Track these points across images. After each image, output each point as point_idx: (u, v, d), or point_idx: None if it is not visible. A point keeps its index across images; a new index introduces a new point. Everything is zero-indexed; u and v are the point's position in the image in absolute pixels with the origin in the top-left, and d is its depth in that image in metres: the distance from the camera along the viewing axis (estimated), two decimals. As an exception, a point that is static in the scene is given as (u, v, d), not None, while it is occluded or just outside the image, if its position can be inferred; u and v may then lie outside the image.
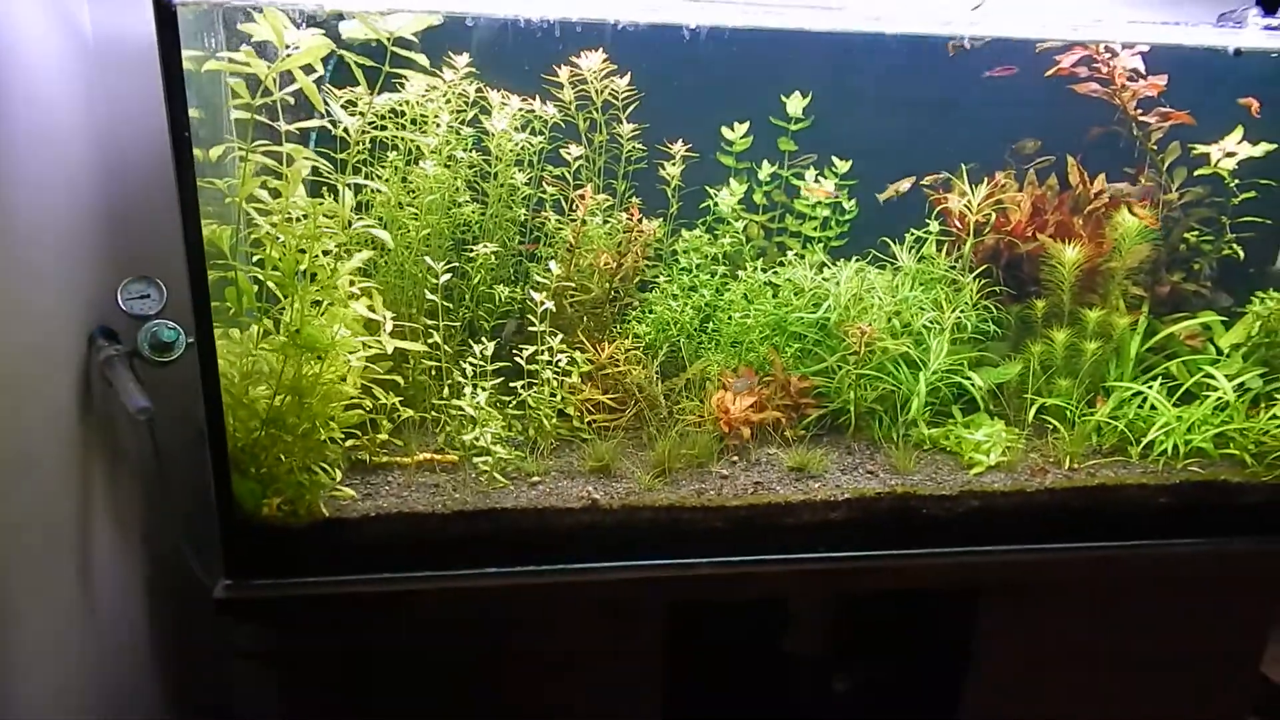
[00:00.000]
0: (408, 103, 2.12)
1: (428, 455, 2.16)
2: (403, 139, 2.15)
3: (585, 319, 2.27)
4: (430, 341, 2.15)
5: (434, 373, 2.19)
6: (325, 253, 1.92)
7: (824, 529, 2.15)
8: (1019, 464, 2.23)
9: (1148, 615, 2.44)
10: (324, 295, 1.92)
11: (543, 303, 2.07)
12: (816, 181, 2.29)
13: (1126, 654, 2.46)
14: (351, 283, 2.01)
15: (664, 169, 2.30)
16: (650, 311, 2.30)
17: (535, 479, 2.11)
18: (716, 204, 2.36)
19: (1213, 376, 2.25)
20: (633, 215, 2.23)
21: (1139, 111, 2.25)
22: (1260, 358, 2.31)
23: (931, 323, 2.20)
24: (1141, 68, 2.19)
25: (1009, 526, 2.21)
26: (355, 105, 2.00)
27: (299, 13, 1.77)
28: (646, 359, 2.26)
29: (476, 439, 2.07)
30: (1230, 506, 2.28)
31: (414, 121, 2.15)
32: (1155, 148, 2.27)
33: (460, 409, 2.13)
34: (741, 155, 2.34)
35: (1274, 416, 2.26)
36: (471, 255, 2.21)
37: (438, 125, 2.13)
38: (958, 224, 2.28)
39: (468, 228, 2.28)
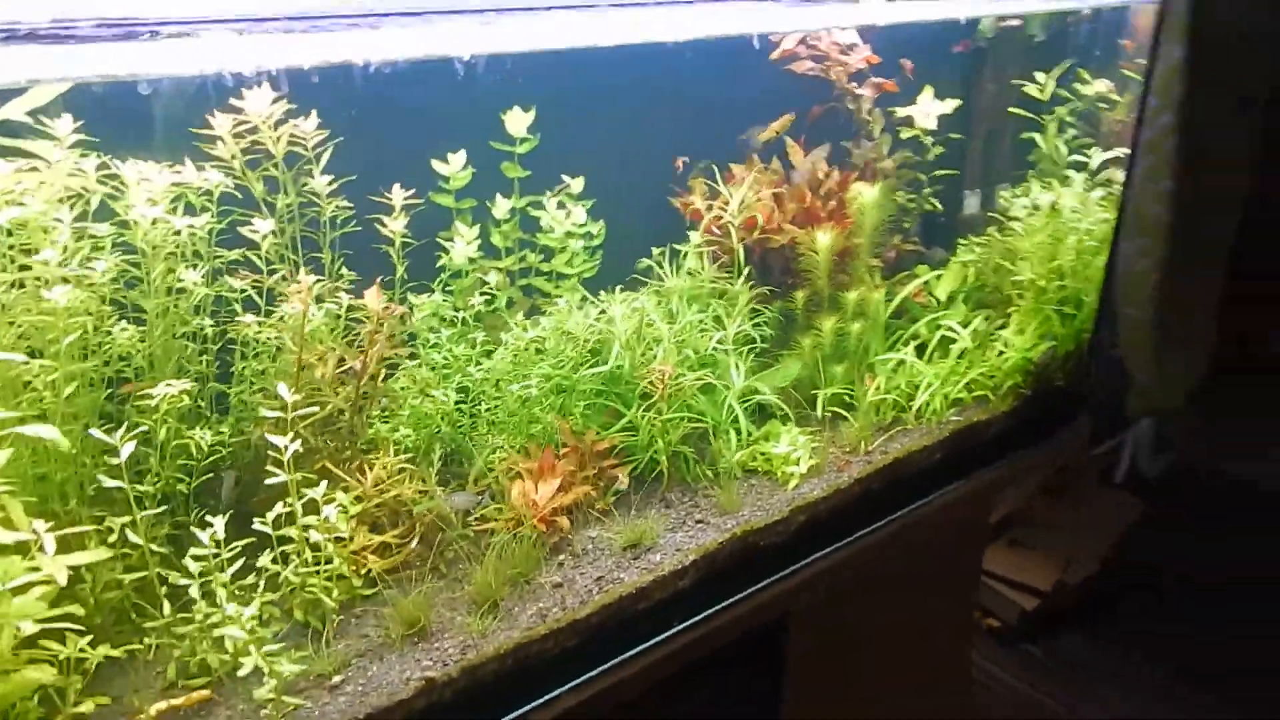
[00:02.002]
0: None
1: (164, 705, 1.49)
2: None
3: (326, 440, 1.73)
4: (111, 542, 1.47)
5: (133, 583, 1.51)
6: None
7: (675, 599, 1.90)
8: (825, 464, 2.16)
9: (924, 557, 2.60)
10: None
11: (287, 445, 1.50)
12: (560, 208, 1.95)
13: (909, 591, 2.61)
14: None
15: (383, 225, 1.79)
16: (403, 410, 1.81)
17: (335, 678, 1.57)
18: (449, 258, 1.91)
19: (953, 329, 2.36)
20: (377, 300, 1.70)
21: (853, 85, 2.23)
22: (978, 299, 2.48)
23: (721, 342, 2.01)
24: (858, 41, 2.15)
25: (832, 528, 2.14)
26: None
27: None
28: (419, 469, 1.78)
29: (239, 663, 1.47)
30: (984, 442, 2.45)
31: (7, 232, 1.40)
32: (868, 118, 2.27)
33: (196, 624, 1.50)
34: (466, 194, 1.91)
35: (1000, 352, 2.44)
36: (143, 401, 1.53)
37: (52, 225, 1.41)
38: (715, 229, 2.09)
39: (124, 362, 1.58)
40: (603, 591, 1.80)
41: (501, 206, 1.91)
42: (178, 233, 1.56)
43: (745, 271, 2.11)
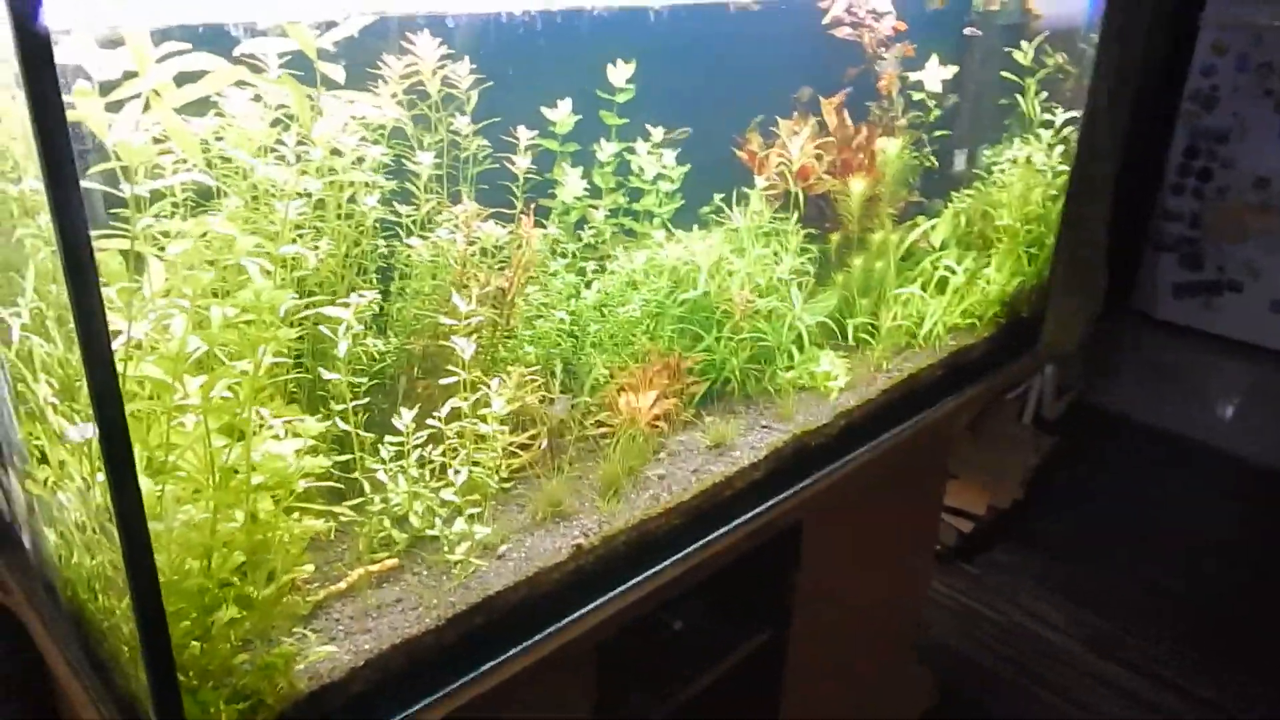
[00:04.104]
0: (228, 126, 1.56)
1: (362, 570, 1.74)
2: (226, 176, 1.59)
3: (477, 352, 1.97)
4: (329, 430, 1.70)
5: (340, 467, 1.74)
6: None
7: (751, 489, 2.24)
8: (857, 380, 2.53)
9: (910, 468, 3.03)
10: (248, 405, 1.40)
11: (469, 345, 1.76)
12: (651, 154, 2.23)
13: (896, 498, 3.04)
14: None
15: (511, 163, 2.04)
16: (532, 328, 2.07)
17: (501, 548, 1.85)
18: (559, 196, 2.17)
19: (950, 268, 2.76)
20: (527, 224, 1.95)
21: (882, 49, 2.57)
22: (966, 242, 2.89)
23: (791, 274, 2.34)
24: (890, 9, 2.50)
25: (863, 432, 2.52)
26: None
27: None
28: (548, 379, 2.06)
29: (445, 525, 1.74)
30: (972, 360, 2.88)
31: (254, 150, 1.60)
32: (890, 80, 2.62)
33: (391, 498, 1.75)
34: (571, 139, 2.17)
35: (983, 288, 2.86)
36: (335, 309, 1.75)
37: (287, 146, 1.62)
38: (776, 176, 2.41)
39: (315, 273, 1.80)
40: (698, 480, 2.12)
41: (606, 150, 2.18)
42: (361, 160, 1.78)
43: (798, 214, 2.44)
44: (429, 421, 1.80)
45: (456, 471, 1.76)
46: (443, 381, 1.81)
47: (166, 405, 1.31)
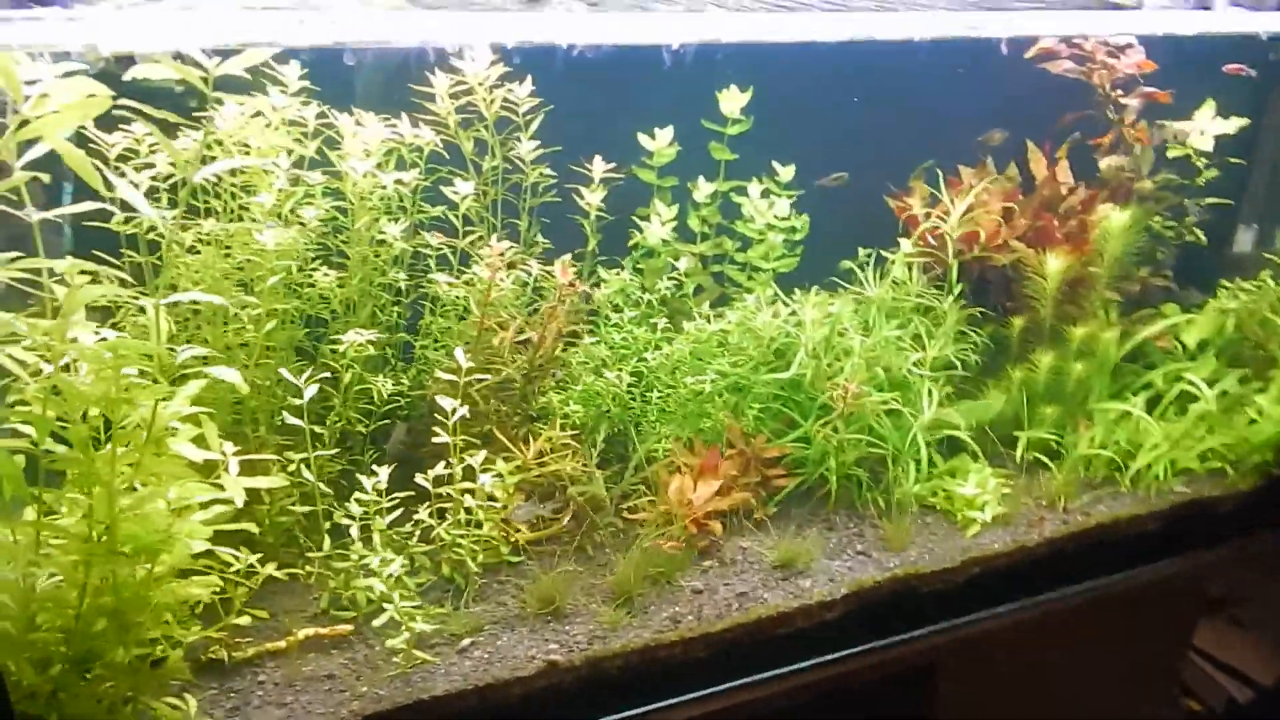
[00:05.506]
0: (218, 144, 1.44)
1: (310, 632, 1.57)
2: (223, 195, 1.49)
3: (496, 405, 1.73)
4: (290, 471, 1.55)
5: (304, 513, 1.59)
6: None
7: (819, 631, 1.79)
8: (1015, 516, 1.95)
9: (1116, 629, 2.31)
10: (139, 460, 1.27)
11: (454, 410, 1.52)
12: (764, 198, 1.84)
13: (1094, 660, 2.33)
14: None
15: (580, 196, 1.76)
16: (576, 384, 1.78)
17: (465, 641, 1.59)
18: (641, 236, 1.85)
19: (1194, 384, 2.05)
20: (564, 275, 1.68)
21: (1118, 92, 1.95)
22: (1233, 354, 2.14)
23: (918, 365, 1.84)
24: (1133, 43, 1.87)
25: (1007, 585, 1.94)
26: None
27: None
28: (582, 447, 1.76)
29: (381, 608, 1.52)
30: (1211, 518, 2.13)
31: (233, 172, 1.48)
32: (1132, 130, 1.98)
33: (350, 562, 1.56)
34: (669, 173, 1.84)
35: (1252, 421, 2.10)
36: (337, 346, 1.60)
37: (272, 170, 1.48)
38: (930, 239, 1.90)
39: (324, 304, 1.65)
40: (743, 609, 1.72)
41: (704, 189, 1.83)
42: (384, 186, 1.60)
43: (957, 289, 1.91)
44: (421, 479, 1.60)
45: (408, 562, 1.53)
46: (436, 440, 1.60)
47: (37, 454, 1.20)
